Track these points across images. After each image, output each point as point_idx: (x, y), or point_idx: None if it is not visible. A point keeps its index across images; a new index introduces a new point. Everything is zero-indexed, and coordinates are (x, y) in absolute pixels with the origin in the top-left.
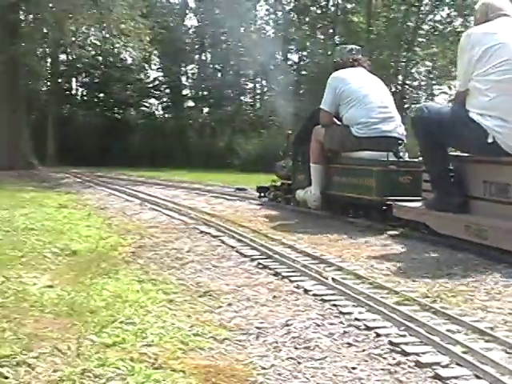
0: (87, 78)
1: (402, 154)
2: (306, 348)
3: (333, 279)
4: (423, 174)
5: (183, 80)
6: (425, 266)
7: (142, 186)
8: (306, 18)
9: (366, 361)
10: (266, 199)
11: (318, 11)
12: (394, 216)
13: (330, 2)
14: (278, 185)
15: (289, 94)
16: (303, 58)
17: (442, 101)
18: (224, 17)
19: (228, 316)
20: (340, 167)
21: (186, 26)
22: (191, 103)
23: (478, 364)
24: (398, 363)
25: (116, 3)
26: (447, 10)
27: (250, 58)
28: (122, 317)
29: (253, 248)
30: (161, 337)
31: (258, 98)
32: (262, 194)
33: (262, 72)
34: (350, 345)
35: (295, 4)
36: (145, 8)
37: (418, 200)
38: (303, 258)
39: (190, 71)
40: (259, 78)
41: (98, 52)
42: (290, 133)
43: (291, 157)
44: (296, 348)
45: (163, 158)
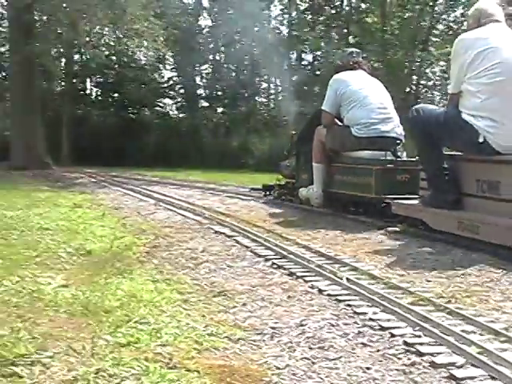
0: (101, 78)
1: (400, 154)
2: (321, 348)
3: (347, 279)
4: (420, 172)
5: (197, 80)
6: (439, 266)
7: (157, 185)
8: (320, 17)
9: (381, 361)
10: (271, 197)
11: (333, 11)
12: (392, 213)
13: (344, 2)
14: (282, 183)
15: (302, 93)
16: (317, 58)
17: None
18: (238, 17)
19: (242, 316)
20: (341, 166)
21: (200, 26)
22: (205, 103)
23: (493, 365)
24: (413, 363)
25: (129, 3)
26: (461, 9)
27: (264, 57)
28: (136, 316)
29: (267, 248)
30: (175, 337)
31: (272, 97)
32: (267, 193)
33: (276, 72)
34: (365, 345)
35: (310, 4)
36: (158, 8)
37: (416, 198)
38: (318, 258)
39: (204, 71)
40: (273, 78)
41: (112, 52)
42: (293, 133)
43: (295, 156)
44: (310, 348)
45: (178, 157)
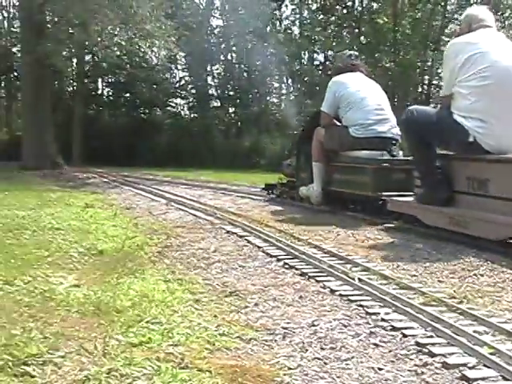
0: (113, 78)
1: (395, 153)
2: (333, 348)
3: (359, 279)
4: (414, 171)
5: (209, 80)
6: (451, 266)
7: (168, 185)
8: (331, 17)
9: (393, 361)
10: (273, 196)
11: (344, 11)
12: (388, 210)
13: (355, 2)
14: (283, 182)
15: (314, 94)
16: (329, 59)
17: None
18: (249, 16)
19: (254, 316)
20: (339, 165)
21: (211, 26)
22: (217, 103)
23: (506, 365)
24: (425, 364)
25: (140, 4)
26: None
27: (275, 57)
28: (148, 316)
29: (279, 248)
30: (187, 336)
31: (283, 97)
32: (269, 191)
33: (288, 72)
34: (377, 345)
35: (321, 3)
36: (170, 8)
37: (411, 195)
38: (329, 258)
39: (215, 71)
40: (285, 78)
41: (124, 52)
42: (295, 133)
43: (295, 156)
44: (322, 348)
45: (189, 157)
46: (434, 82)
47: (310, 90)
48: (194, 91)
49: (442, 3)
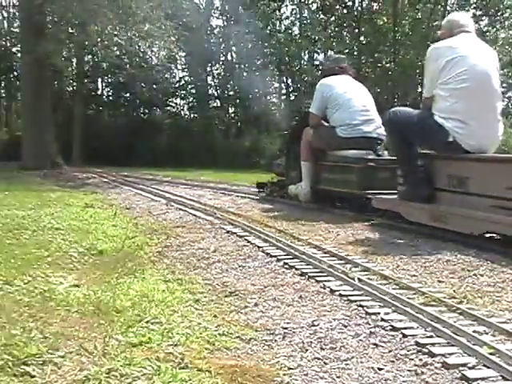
0: (113, 79)
1: (381, 153)
2: (332, 348)
3: (359, 279)
4: (397, 169)
5: (209, 80)
6: (451, 266)
7: (168, 185)
8: (331, 17)
9: (393, 361)
10: (263, 194)
11: (344, 11)
12: (373, 207)
13: (355, 3)
14: (274, 181)
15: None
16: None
17: None
18: (249, 16)
19: (254, 316)
20: (327, 164)
21: (211, 26)
22: (217, 103)
23: (505, 365)
24: (425, 364)
25: (139, 4)
26: (473, 9)
27: (274, 57)
28: (148, 316)
29: (279, 248)
30: (187, 336)
31: (283, 97)
32: (260, 190)
33: (287, 72)
34: (377, 345)
35: (321, 3)
36: (169, 9)
37: (395, 193)
38: (329, 258)
39: (215, 71)
40: (285, 78)
41: (123, 52)
42: (285, 133)
43: (285, 155)
44: (322, 348)
45: (189, 157)
46: None
47: (310, 90)
48: (193, 91)
49: (442, 3)
